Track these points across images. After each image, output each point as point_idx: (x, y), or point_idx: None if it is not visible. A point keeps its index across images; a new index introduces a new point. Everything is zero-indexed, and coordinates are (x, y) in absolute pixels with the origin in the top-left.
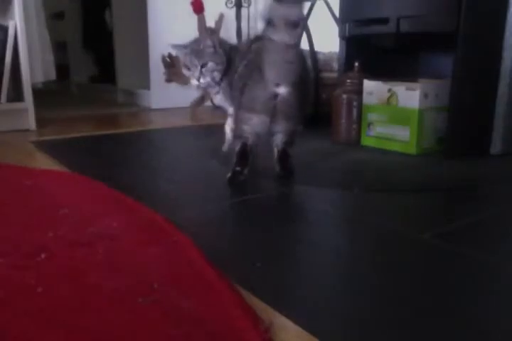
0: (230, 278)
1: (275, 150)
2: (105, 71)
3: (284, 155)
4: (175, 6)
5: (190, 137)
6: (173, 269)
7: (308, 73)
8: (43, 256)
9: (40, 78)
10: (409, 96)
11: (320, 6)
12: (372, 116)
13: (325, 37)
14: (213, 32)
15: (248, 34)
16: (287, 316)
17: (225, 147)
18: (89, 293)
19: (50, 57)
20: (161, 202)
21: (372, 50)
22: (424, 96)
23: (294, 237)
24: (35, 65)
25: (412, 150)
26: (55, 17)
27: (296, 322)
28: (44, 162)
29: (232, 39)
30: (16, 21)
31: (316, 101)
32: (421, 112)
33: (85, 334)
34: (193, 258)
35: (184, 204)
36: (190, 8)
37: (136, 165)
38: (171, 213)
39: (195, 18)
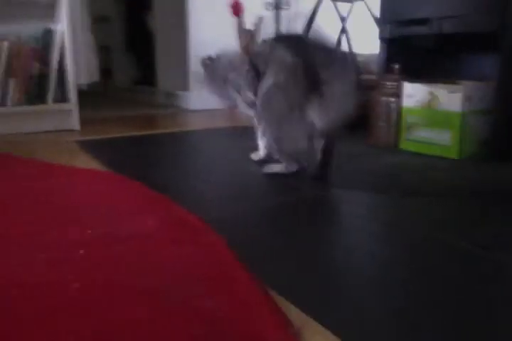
0: (261, 280)
1: (316, 151)
2: (146, 73)
3: (325, 157)
4: (214, 9)
5: (227, 138)
6: (204, 269)
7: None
8: (81, 252)
9: (84, 80)
10: (451, 99)
11: (359, 7)
12: (411, 119)
13: (364, 38)
14: (251, 35)
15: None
16: (320, 321)
17: (257, 156)
18: (121, 290)
19: (94, 60)
20: (196, 202)
21: (412, 51)
22: (467, 98)
23: (329, 241)
24: (80, 67)
25: (453, 154)
26: (100, 21)
27: (329, 327)
28: (85, 161)
29: None
30: (62, 25)
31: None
32: (463, 115)
33: (112, 330)
34: (224, 258)
35: (219, 205)
36: (229, 11)
37: (172, 165)
38: (205, 213)
39: (234, 20)
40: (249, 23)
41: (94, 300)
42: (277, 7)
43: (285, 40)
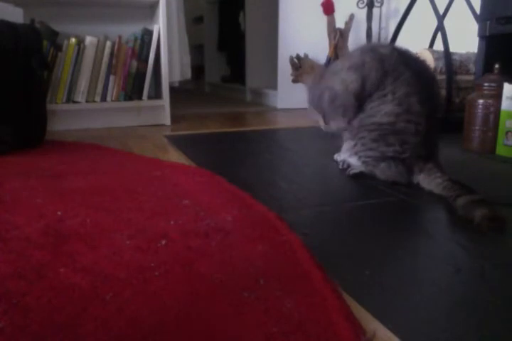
0: (337, 283)
1: None
2: (236, 71)
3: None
4: (305, 8)
5: (313, 138)
6: (280, 268)
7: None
8: (163, 242)
9: (177, 77)
10: None
11: (458, 2)
12: (511, 124)
13: (462, 36)
14: (341, 33)
15: (379, 34)
16: (392, 330)
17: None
18: (199, 282)
19: (187, 59)
20: (278, 200)
21: None
22: None
23: (410, 248)
24: (173, 66)
25: None
26: (194, 21)
27: (401, 336)
28: (174, 155)
29: (362, 40)
30: (160, 25)
31: (448, 105)
32: None
33: (193, 321)
34: (301, 259)
35: (300, 204)
36: (320, 10)
37: (257, 162)
38: (286, 212)
39: (324, 19)
40: (340, 22)
41: (174, 288)
42: (370, 5)
43: (409, 69)
